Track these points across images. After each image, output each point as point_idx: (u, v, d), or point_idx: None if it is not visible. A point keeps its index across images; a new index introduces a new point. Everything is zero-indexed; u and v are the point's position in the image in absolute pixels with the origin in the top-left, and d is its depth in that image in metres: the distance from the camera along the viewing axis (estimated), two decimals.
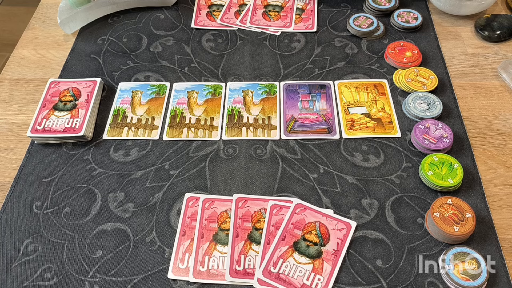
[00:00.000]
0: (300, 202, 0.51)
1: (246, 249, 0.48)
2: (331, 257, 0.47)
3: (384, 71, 0.66)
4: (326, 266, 0.47)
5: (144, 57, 0.69)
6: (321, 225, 0.50)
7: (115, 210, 0.52)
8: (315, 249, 0.48)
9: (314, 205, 0.51)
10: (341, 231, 0.49)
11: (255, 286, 0.46)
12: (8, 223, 0.51)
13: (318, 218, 0.50)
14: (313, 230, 0.49)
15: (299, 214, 0.50)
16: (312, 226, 0.49)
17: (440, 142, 0.55)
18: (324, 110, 0.61)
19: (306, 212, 0.51)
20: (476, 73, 0.66)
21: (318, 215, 0.50)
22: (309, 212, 0.51)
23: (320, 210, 0.51)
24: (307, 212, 0.51)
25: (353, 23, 0.71)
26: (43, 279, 0.47)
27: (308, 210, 0.51)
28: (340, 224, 0.50)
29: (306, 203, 0.51)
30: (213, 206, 0.52)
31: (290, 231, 0.49)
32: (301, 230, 0.49)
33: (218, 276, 0.47)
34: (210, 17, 0.75)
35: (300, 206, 0.51)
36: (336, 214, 0.51)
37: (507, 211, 0.51)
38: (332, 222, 0.50)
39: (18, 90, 0.66)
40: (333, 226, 0.49)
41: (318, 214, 0.50)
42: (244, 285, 0.46)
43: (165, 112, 0.62)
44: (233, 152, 0.57)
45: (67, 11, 0.72)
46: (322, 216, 0.50)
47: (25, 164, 0.57)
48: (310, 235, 0.49)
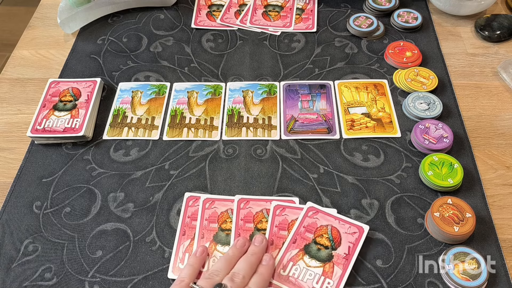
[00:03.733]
0: (313, 205, 0.51)
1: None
2: (342, 261, 0.47)
3: (384, 71, 0.66)
4: (337, 270, 0.46)
5: (144, 57, 0.69)
6: (333, 229, 0.49)
7: (115, 210, 0.52)
8: (326, 252, 0.47)
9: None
10: (353, 235, 0.48)
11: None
12: (8, 223, 0.51)
13: (330, 222, 0.49)
14: (325, 233, 0.49)
15: (311, 217, 0.50)
16: (324, 230, 0.49)
17: (440, 142, 0.55)
18: (324, 110, 0.61)
19: (318, 215, 0.50)
20: (476, 73, 0.66)
21: (331, 219, 0.50)
22: (321, 215, 0.50)
23: (330, 212, 0.50)
24: (319, 215, 0.50)
25: (353, 23, 0.71)
26: (43, 279, 0.47)
27: (320, 214, 0.50)
28: (353, 227, 0.49)
29: (318, 206, 0.51)
30: (213, 206, 0.52)
31: (302, 234, 0.49)
32: (313, 233, 0.49)
33: None
34: (210, 17, 0.75)
35: (313, 209, 0.50)
36: (339, 214, 0.50)
37: (507, 211, 0.51)
38: (345, 225, 0.49)
39: (18, 90, 0.66)
40: (345, 230, 0.49)
41: (331, 217, 0.50)
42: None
43: (165, 112, 0.62)
44: (233, 152, 0.57)
45: (67, 11, 0.72)
46: (334, 219, 0.50)
47: (25, 164, 0.57)
48: (322, 238, 0.48)
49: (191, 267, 0.45)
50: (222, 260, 0.45)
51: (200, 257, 0.46)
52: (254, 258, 0.45)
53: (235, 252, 0.46)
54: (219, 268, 0.43)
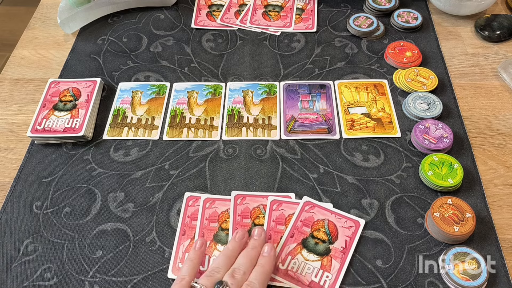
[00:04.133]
0: (309, 200, 0.51)
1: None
2: (339, 254, 0.47)
3: (384, 71, 0.66)
4: (335, 263, 0.47)
5: (144, 57, 0.69)
6: (329, 223, 0.50)
7: (115, 210, 0.52)
8: (324, 246, 0.48)
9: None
10: (349, 229, 0.49)
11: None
12: (8, 223, 0.51)
13: (327, 216, 0.50)
14: (322, 227, 0.49)
15: (307, 211, 0.50)
16: (320, 224, 0.49)
17: (440, 142, 0.55)
18: (324, 110, 0.61)
19: (314, 209, 0.51)
20: (476, 73, 0.66)
21: (327, 213, 0.50)
22: (317, 209, 0.51)
23: (326, 207, 0.51)
24: (315, 209, 0.51)
25: (353, 23, 0.71)
26: (43, 279, 0.47)
27: (317, 208, 0.51)
28: (349, 222, 0.50)
29: (314, 201, 0.51)
30: (213, 206, 0.52)
31: (299, 229, 0.49)
32: (310, 227, 0.49)
33: None
34: (210, 17, 0.75)
35: (309, 203, 0.51)
36: (335, 208, 0.51)
37: (507, 211, 0.51)
38: (341, 220, 0.50)
39: (18, 90, 0.66)
40: (341, 224, 0.49)
41: (327, 211, 0.50)
42: None
43: (165, 112, 0.62)
44: (233, 152, 0.57)
45: (67, 11, 0.72)
46: (330, 214, 0.50)
47: (25, 164, 0.57)
48: (319, 232, 0.49)
49: (191, 262, 0.44)
50: (222, 256, 0.44)
51: (199, 250, 0.46)
52: (254, 252, 0.45)
53: (235, 246, 0.45)
54: (220, 265, 0.43)
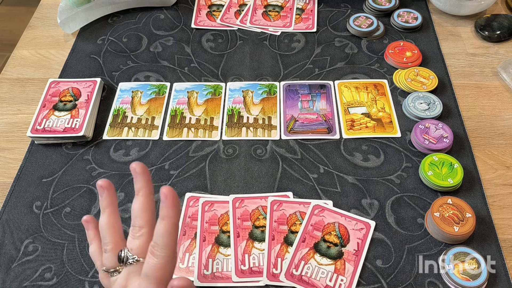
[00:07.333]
0: (318, 203, 0.51)
1: (248, 248, 0.48)
2: (352, 257, 0.47)
3: (384, 71, 0.66)
4: (348, 266, 0.46)
5: (144, 57, 0.69)
6: (340, 226, 0.49)
7: None
8: (336, 249, 0.48)
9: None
10: (360, 231, 0.49)
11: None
12: (8, 223, 0.51)
13: (337, 219, 0.50)
14: (333, 231, 0.49)
15: (317, 215, 0.50)
16: (331, 227, 0.49)
17: (440, 142, 0.55)
18: (324, 110, 0.61)
19: (324, 213, 0.50)
20: (476, 73, 0.66)
21: (337, 216, 0.50)
22: (327, 213, 0.50)
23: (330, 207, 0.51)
24: (325, 213, 0.50)
25: (353, 23, 0.71)
26: (43, 279, 0.47)
27: (326, 211, 0.50)
28: (359, 224, 0.49)
29: (323, 204, 0.51)
30: (213, 209, 0.52)
31: (310, 233, 0.49)
32: (321, 231, 0.49)
33: (223, 279, 0.47)
34: (210, 17, 0.75)
35: (318, 207, 0.51)
36: (336, 207, 0.51)
37: (507, 211, 0.51)
38: (351, 222, 0.50)
39: (18, 90, 0.66)
40: (352, 226, 0.49)
41: (337, 214, 0.50)
42: (251, 284, 0.46)
43: (165, 112, 0.62)
44: (233, 152, 0.57)
45: (67, 11, 0.72)
46: (340, 216, 0.50)
47: (25, 164, 0.56)
48: (330, 236, 0.49)
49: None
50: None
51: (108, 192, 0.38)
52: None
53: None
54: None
